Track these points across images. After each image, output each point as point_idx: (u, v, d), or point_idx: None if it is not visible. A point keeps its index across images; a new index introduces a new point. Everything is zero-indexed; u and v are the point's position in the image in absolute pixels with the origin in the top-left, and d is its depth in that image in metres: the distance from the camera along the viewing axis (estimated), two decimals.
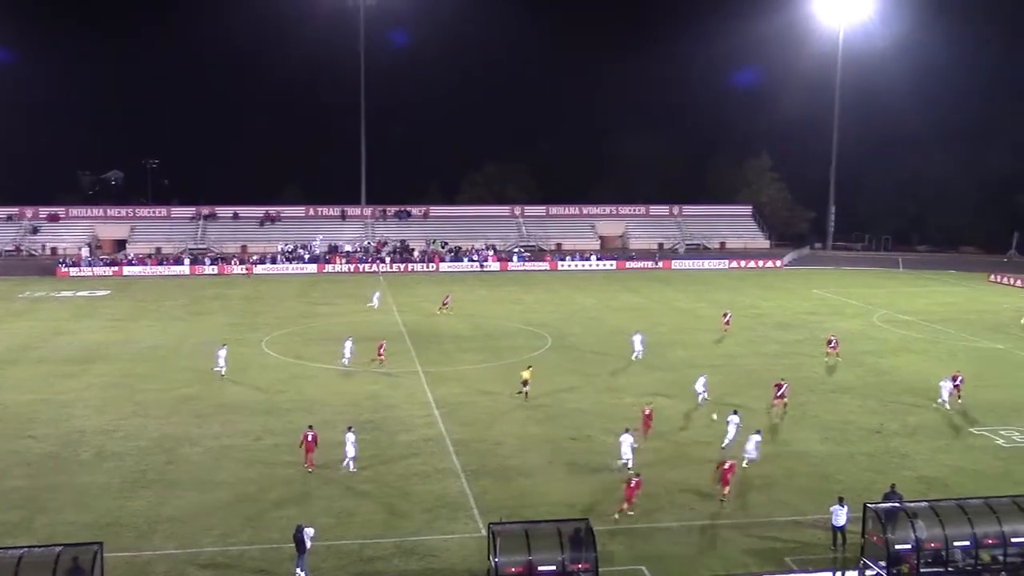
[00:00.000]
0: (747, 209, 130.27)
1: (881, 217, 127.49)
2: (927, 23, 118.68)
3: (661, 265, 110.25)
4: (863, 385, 50.29)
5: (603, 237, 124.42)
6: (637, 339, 56.94)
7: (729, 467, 32.92)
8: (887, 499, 29.63)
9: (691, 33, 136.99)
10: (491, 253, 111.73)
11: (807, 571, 27.73)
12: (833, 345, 56.25)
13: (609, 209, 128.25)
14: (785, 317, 72.67)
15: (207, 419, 42.96)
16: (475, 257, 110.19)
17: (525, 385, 46.61)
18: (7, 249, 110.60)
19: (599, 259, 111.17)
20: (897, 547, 26.90)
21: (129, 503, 32.59)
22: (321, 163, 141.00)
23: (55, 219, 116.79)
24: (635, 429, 38.03)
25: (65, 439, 39.71)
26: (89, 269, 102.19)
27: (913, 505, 28.54)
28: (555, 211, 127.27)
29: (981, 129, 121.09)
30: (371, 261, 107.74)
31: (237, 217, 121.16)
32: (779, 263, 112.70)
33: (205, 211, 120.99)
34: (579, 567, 25.79)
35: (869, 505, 28.22)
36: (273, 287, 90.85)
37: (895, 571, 26.72)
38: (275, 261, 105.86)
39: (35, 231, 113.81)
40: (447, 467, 36.59)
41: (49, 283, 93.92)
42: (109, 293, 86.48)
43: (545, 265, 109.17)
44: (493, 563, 25.79)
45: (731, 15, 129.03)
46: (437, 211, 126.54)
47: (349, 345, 54.50)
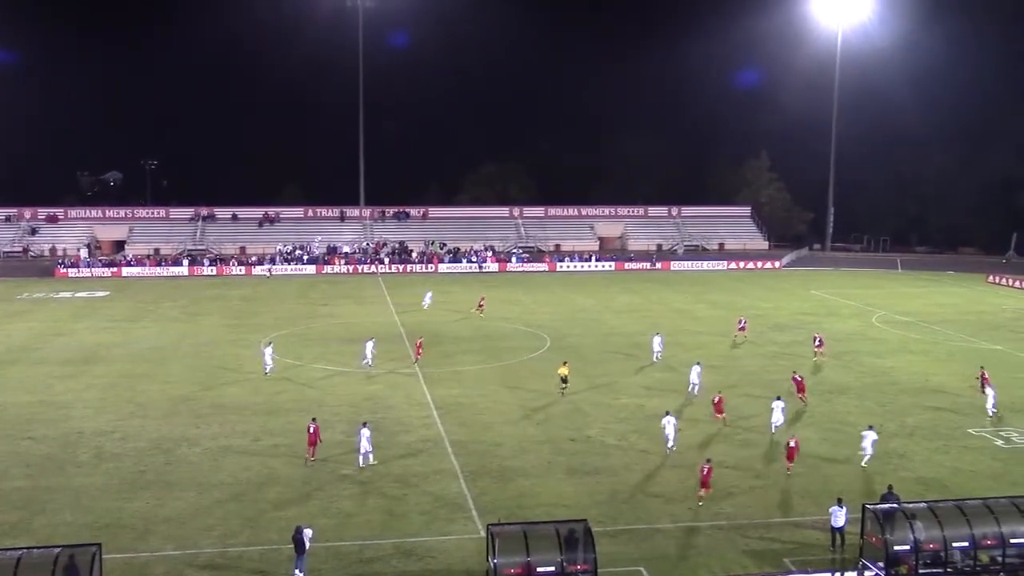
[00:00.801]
0: (746, 210, 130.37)
1: (880, 218, 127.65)
2: (926, 23, 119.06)
3: (660, 266, 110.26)
4: (861, 386, 50.34)
5: (602, 238, 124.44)
6: (656, 340, 56.98)
7: (707, 471, 32.79)
8: (884, 500, 29.66)
9: (690, 34, 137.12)
10: (490, 254, 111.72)
11: (806, 572, 27.74)
12: (818, 344, 56.90)
13: (608, 210, 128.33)
14: (783, 318, 72.69)
15: (206, 420, 42.97)
16: (474, 258, 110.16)
17: (564, 382, 47.58)
18: (7, 250, 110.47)
19: (598, 260, 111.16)
20: (895, 548, 26.95)
21: (127, 504, 32.59)
22: (320, 164, 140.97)
23: (54, 220, 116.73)
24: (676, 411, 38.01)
25: (64, 440, 39.69)
26: (88, 270, 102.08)
27: (912, 506, 28.60)
28: (554, 212, 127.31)
29: (980, 130, 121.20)
30: (370, 262, 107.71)
31: (236, 218, 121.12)
32: (778, 264, 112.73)
33: (204, 212, 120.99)
34: (578, 568, 25.79)
35: (868, 506, 28.29)
36: (272, 288, 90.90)
37: (893, 572, 26.76)
38: (274, 262, 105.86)
39: (34, 232, 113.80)
40: (446, 468, 36.59)
41: (48, 284, 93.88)
42: (108, 294, 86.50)
43: (544, 266, 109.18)
44: (492, 564, 25.80)
45: (730, 16, 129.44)
46: (436, 212, 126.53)
47: (370, 346, 54.61)
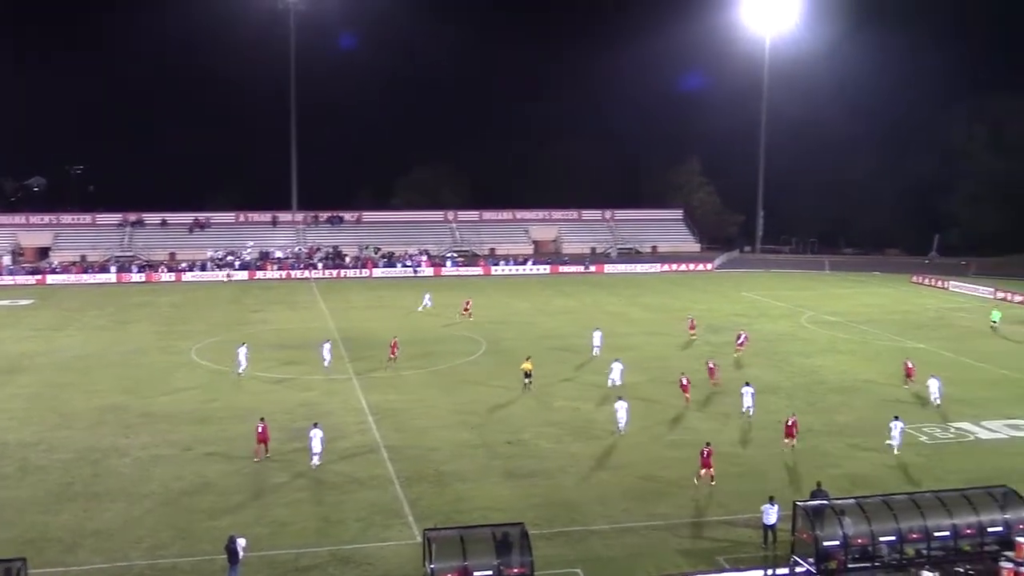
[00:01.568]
0: (678, 213, 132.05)
1: (808, 220, 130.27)
2: (851, 32, 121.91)
3: (594, 269, 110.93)
4: (791, 385, 51.29)
5: (536, 242, 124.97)
6: (597, 336, 58.50)
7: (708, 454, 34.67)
8: (813, 497, 30.23)
9: (624, 39, 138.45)
10: (424, 258, 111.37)
11: (739, 570, 28.12)
12: (740, 342, 58.73)
13: (542, 214, 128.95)
14: (715, 319, 73.67)
15: (135, 429, 42.11)
16: (408, 263, 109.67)
17: (528, 376, 48.36)
18: None
19: (533, 264, 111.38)
20: (825, 544, 27.52)
21: (54, 517, 31.79)
22: (251, 168, 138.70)
23: None
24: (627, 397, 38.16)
25: None
26: (11, 278, 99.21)
27: (840, 502, 29.19)
28: (488, 216, 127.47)
29: (904, 136, 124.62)
30: (303, 267, 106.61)
31: (165, 224, 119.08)
32: (710, 266, 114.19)
33: (132, 218, 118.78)
34: (515, 571, 25.88)
35: (799, 503, 28.85)
36: (204, 294, 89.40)
37: (824, 567, 27.31)
38: (204, 268, 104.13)
39: None
40: (382, 474, 36.38)
41: None
42: (32, 302, 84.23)
43: (479, 270, 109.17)
44: (429, 569, 25.76)
45: (664, 22, 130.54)
46: (370, 216, 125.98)
47: (327, 348, 55.17)
